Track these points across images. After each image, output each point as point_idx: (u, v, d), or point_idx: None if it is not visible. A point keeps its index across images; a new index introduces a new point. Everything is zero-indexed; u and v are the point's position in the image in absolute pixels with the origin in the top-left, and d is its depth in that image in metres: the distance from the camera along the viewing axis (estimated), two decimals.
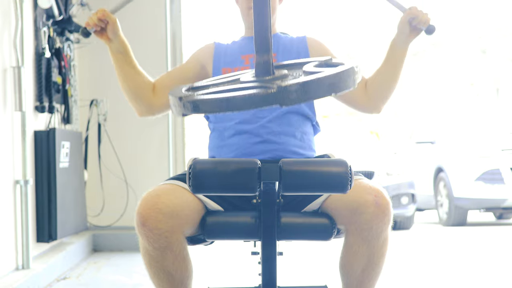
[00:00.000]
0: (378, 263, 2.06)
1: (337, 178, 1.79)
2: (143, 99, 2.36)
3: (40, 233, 4.08)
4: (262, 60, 1.57)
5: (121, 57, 2.33)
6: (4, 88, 3.56)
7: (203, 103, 1.49)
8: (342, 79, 1.51)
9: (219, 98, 1.47)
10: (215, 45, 2.44)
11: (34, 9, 4.09)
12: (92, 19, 2.24)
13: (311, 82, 1.46)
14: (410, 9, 2.23)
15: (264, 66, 1.56)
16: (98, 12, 2.23)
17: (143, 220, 1.97)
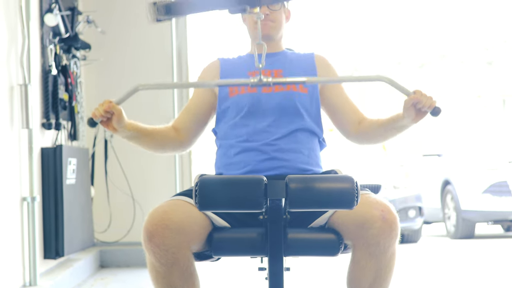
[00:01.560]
0: (385, 277, 2.06)
1: (344, 194, 1.79)
2: (171, 147, 2.43)
3: (47, 250, 4.08)
4: None
5: (133, 137, 2.36)
6: (11, 105, 3.57)
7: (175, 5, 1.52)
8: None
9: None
10: (220, 63, 2.44)
11: (40, 27, 4.12)
12: (98, 110, 2.22)
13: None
14: (414, 93, 2.19)
15: None
16: (104, 103, 2.22)
17: (150, 236, 1.97)
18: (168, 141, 2.40)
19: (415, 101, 2.17)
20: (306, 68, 2.39)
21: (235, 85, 2.26)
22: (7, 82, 3.55)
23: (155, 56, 5.25)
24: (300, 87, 2.35)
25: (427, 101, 2.17)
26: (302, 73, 2.37)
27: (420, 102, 2.17)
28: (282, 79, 2.12)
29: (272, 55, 2.42)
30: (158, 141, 2.39)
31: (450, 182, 8.58)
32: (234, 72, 2.38)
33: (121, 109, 2.24)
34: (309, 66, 2.40)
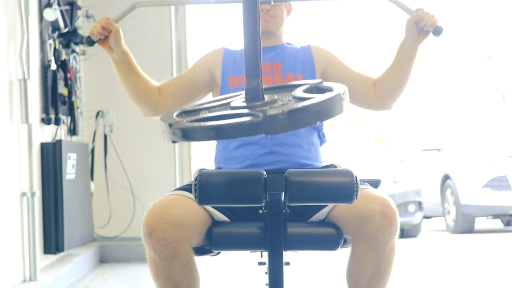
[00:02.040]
0: (385, 272, 2.06)
1: (343, 188, 1.79)
2: (148, 102, 2.39)
3: (47, 245, 4.08)
4: (251, 85, 1.58)
5: (123, 66, 2.34)
6: (10, 100, 3.57)
7: (192, 131, 1.51)
8: (328, 106, 1.52)
9: (208, 126, 1.48)
10: (224, 51, 2.44)
11: (40, 22, 4.11)
12: (96, 27, 2.25)
13: (297, 111, 1.47)
14: (416, 11, 2.22)
15: (254, 91, 1.58)
16: (102, 20, 2.25)
17: (149, 230, 1.97)
18: (148, 94, 2.37)
19: (417, 18, 2.20)
20: (304, 60, 2.40)
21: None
22: (7, 77, 3.54)
23: (155, 50, 5.25)
24: (299, 78, 2.35)
25: (429, 19, 2.20)
26: (301, 66, 2.38)
27: (423, 19, 2.20)
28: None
29: (272, 48, 2.42)
30: (141, 87, 2.36)
31: (450, 176, 8.58)
32: (236, 62, 2.39)
33: (119, 27, 2.25)
34: (307, 57, 2.41)
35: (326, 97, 1.52)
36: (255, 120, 1.45)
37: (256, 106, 1.56)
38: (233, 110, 1.57)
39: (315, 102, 1.50)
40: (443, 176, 8.80)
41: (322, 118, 1.51)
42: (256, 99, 1.57)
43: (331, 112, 1.52)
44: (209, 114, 1.60)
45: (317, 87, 1.72)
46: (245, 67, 1.59)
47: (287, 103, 1.57)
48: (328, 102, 1.52)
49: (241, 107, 1.57)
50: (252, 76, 1.58)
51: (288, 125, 1.47)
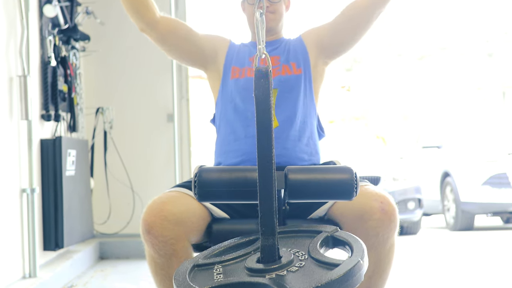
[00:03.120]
0: (385, 269, 2.06)
1: (343, 185, 1.79)
2: (144, 14, 2.39)
3: (47, 241, 4.08)
4: (267, 243, 1.57)
5: None
6: (10, 97, 3.57)
7: None
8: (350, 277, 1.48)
9: None
10: (230, 43, 2.47)
11: (39, 18, 4.11)
12: None
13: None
14: None
15: (270, 250, 1.56)
16: None
17: (148, 227, 1.97)
18: (145, 5, 2.38)
19: None
20: (296, 49, 2.42)
21: None
22: (6, 74, 3.54)
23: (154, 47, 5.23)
24: (294, 69, 2.36)
25: None
26: (293, 54, 2.41)
27: None
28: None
29: (271, 43, 2.44)
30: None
31: (450, 174, 8.58)
32: (238, 57, 2.40)
33: None
34: (298, 46, 2.43)
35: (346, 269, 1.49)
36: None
37: (273, 270, 1.54)
38: (250, 275, 1.55)
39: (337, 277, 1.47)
40: (443, 174, 8.80)
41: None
42: (272, 260, 1.56)
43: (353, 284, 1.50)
44: (225, 279, 1.56)
45: (333, 237, 1.69)
46: (260, 224, 1.57)
47: (303, 265, 1.55)
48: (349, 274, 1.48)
49: (257, 269, 1.55)
50: (267, 234, 1.57)
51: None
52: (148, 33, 2.42)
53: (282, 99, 2.31)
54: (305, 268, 1.54)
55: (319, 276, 1.48)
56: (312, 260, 1.57)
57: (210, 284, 1.53)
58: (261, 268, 1.55)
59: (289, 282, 1.48)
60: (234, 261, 1.65)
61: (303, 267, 1.54)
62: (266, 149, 1.60)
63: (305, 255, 1.60)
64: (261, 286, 1.51)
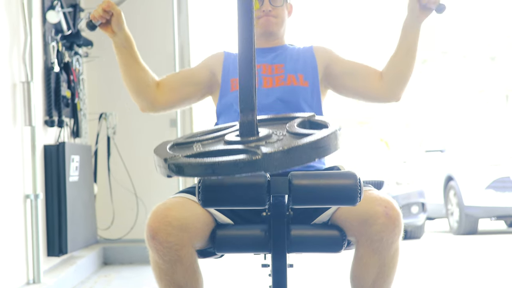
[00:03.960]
0: (389, 274, 2.05)
1: (347, 190, 1.79)
2: (146, 94, 2.38)
3: (50, 247, 4.08)
4: (246, 119, 1.57)
5: (125, 51, 2.34)
6: (13, 103, 3.57)
7: (188, 168, 1.50)
8: (325, 144, 1.52)
9: (205, 163, 1.47)
10: (224, 55, 2.44)
11: (43, 24, 4.12)
12: (97, 11, 2.25)
13: (295, 149, 1.47)
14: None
15: (249, 125, 1.57)
16: (103, 3, 2.24)
17: (153, 233, 1.97)
18: (147, 85, 2.36)
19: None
20: (306, 61, 2.39)
21: None
22: (10, 80, 3.55)
23: (157, 53, 5.24)
24: (300, 81, 2.34)
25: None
26: (302, 66, 2.37)
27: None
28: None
29: (272, 50, 2.42)
30: (141, 76, 2.35)
31: (453, 178, 8.57)
32: (236, 66, 2.38)
33: (120, 10, 2.25)
34: (309, 58, 2.40)
35: (323, 135, 1.52)
36: (254, 158, 1.45)
37: (251, 142, 1.55)
38: (228, 146, 1.56)
39: (312, 140, 1.50)
40: (446, 177, 8.79)
41: (320, 155, 1.52)
42: (251, 134, 1.57)
43: (328, 150, 1.53)
44: (204, 149, 1.58)
45: (310, 121, 1.71)
46: (240, 100, 1.58)
47: (282, 139, 1.56)
48: (325, 140, 1.52)
49: (235, 141, 1.56)
50: (247, 110, 1.58)
51: (285, 163, 1.46)
52: (152, 111, 2.44)
53: (286, 108, 2.29)
54: (284, 140, 1.55)
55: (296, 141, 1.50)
56: (291, 135, 1.58)
57: (189, 152, 1.54)
58: (239, 140, 1.57)
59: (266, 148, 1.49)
60: (213, 140, 1.66)
61: (281, 140, 1.55)
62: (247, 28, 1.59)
63: (283, 132, 1.61)
64: (238, 152, 1.51)
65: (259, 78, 2.35)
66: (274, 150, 1.46)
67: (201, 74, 2.41)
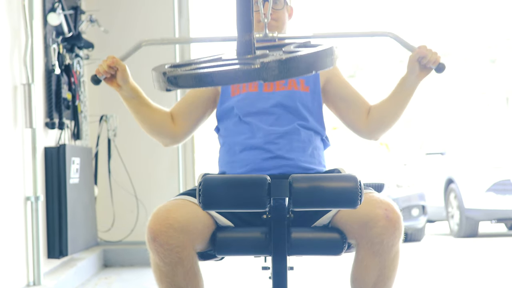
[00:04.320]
0: (389, 276, 2.05)
1: (347, 193, 1.79)
2: (165, 132, 2.39)
3: (51, 249, 4.09)
4: (243, 39, 1.58)
5: (134, 101, 2.35)
6: (14, 105, 3.58)
7: (187, 77, 1.51)
8: (322, 57, 1.54)
9: (204, 73, 1.48)
10: None
11: (44, 26, 4.12)
12: (102, 66, 2.24)
13: (293, 59, 1.47)
14: (419, 48, 2.21)
15: (246, 45, 1.58)
16: (108, 59, 2.24)
17: (154, 235, 1.97)
18: (162, 124, 2.37)
19: (420, 55, 2.20)
20: None
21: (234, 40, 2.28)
22: (11, 82, 3.55)
23: (158, 55, 5.24)
24: (301, 86, 2.35)
25: (432, 56, 2.19)
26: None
27: (425, 57, 2.19)
28: (285, 35, 2.21)
29: None
30: (155, 119, 2.37)
31: (454, 180, 8.57)
32: None
33: (125, 65, 2.25)
34: None
35: (320, 49, 1.54)
36: (252, 67, 1.46)
37: (249, 58, 1.55)
38: (226, 61, 1.57)
39: (309, 52, 1.51)
40: (447, 180, 8.79)
41: (317, 68, 1.53)
42: (248, 52, 1.57)
43: (324, 63, 1.54)
44: (202, 65, 1.58)
45: (306, 45, 1.72)
46: (237, 21, 1.59)
47: (279, 57, 1.57)
48: (321, 53, 1.54)
49: (233, 59, 1.56)
50: (244, 31, 1.58)
51: (283, 72, 1.47)
52: (174, 144, 2.45)
53: (287, 113, 2.29)
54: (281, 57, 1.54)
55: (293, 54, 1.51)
56: (287, 53, 1.58)
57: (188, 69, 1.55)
58: (237, 57, 1.57)
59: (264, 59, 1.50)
60: (210, 62, 1.66)
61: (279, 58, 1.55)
62: None
63: (280, 53, 1.62)
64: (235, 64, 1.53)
65: (260, 82, 2.36)
66: (272, 59, 1.46)
67: (206, 93, 2.41)
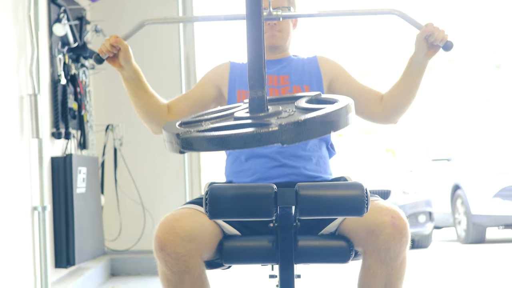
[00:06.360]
0: (396, 283, 2.05)
1: (353, 201, 1.79)
2: (158, 120, 2.39)
3: (58, 259, 4.09)
4: (256, 95, 1.56)
5: (133, 83, 2.35)
6: (21, 115, 3.59)
7: (203, 141, 1.46)
8: (340, 116, 1.50)
9: (220, 136, 1.44)
10: (230, 65, 2.45)
11: (49, 37, 4.14)
12: (105, 45, 2.26)
13: (311, 121, 1.44)
14: (426, 26, 2.22)
15: (258, 102, 1.55)
16: (111, 38, 2.26)
17: (161, 244, 1.97)
18: (157, 111, 2.38)
19: (427, 33, 2.20)
20: (311, 72, 2.41)
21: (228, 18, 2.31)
22: (17, 92, 3.57)
23: (163, 64, 5.26)
24: (306, 90, 2.36)
25: (439, 34, 2.19)
26: (307, 78, 2.39)
27: (433, 35, 2.20)
28: (290, 13, 2.29)
29: (278, 62, 2.44)
30: (150, 104, 2.37)
31: (460, 186, 8.55)
32: (242, 76, 2.39)
33: (128, 45, 2.26)
34: (313, 69, 2.41)
35: (333, 108, 1.51)
36: (272, 129, 1.43)
37: (262, 117, 1.53)
38: (239, 121, 1.54)
39: (328, 112, 1.49)
40: (453, 186, 8.77)
41: (335, 128, 1.50)
42: (261, 110, 1.55)
43: (343, 122, 1.50)
44: (215, 125, 1.57)
45: (317, 99, 1.71)
46: (249, 77, 1.57)
47: (293, 114, 1.55)
48: (341, 112, 1.51)
49: (247, 117, 1.55)
50: (256, 87, 1.56)
51: (303, 134, 1.44)
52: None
53: None
54: (294, 115, 1.52)
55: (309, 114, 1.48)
56: (300, 110, 1.56)
57: (201, 128, 1.52)
58: (250, 115, 1.54)
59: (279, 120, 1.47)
60: (222, 118, 1.64)
61: (292, 115, 1.53)
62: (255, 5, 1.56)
63: (292, 109, 1.59)
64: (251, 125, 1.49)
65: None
66: (289, 121, 1.44)
67: (207, 91, 2.42)
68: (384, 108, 2.36)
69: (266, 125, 1.45)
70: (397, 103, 2.35)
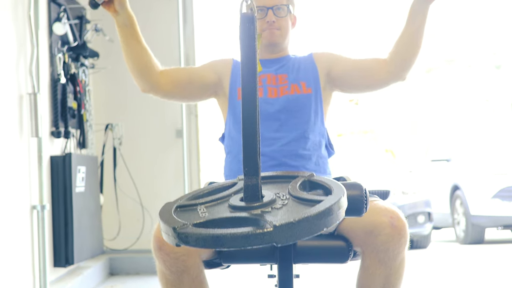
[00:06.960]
0: (395, 284, 2.05)
1: (353, 201, 1.79)
2: (148, 77, 2.38)
3: (57, 258, 4.09)
4: (251, 183, 1.58)
5: (127, 30, 2.35)
6: (20, 114, 3.59)
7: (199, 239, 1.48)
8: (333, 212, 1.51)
9: (216, 235, 1.46)
10: (233, 62, 2.46)
11: (49, 36, 4.14)
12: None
13: (305, 220, 1.45)
14: None
15: (253, 190, 1.57)
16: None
17: (160, 244, 1.97)
18: (149, 67, 2.37)
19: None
20: (307, 68, 2.41)
21: None
22: (17, 91, 3.57)
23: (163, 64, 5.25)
24: (303, 89, 2.36)
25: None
26: (304, 74, 2.39)
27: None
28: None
29: (277, 61, 2.44)
30: (143, 56, 2.37)
31: (459, 187, 8.56)
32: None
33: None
34: (309, 65, 2.42)
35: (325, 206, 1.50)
36: (266, 230, 1.45)
37: (257, 207, 1.54)
38: (234, 212, 1.56)
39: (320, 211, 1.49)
40: (453, 187, 8.77)
41: (328, 225, 1.50)
42: (255, 199, 1.57)
43: (336, 218, 1.52)
44: (210, 215, 1.57)
45: (310, 181, 1.71)
46: (244, 164, 1.59)
47: (286, 203, 1.56)
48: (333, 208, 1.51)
49: (241, 207, 1.56)
50: (251, 173, 1.58)
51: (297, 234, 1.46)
52: (152, 93, 2.43)
53: (291, 117, 2.31)
54: (288, 205, 1.54)
55: (303, 210, 1.49)
56: (294, 199, 1.58)
57: (198, 220, 1.53)
58: (245, 205, 1.56)
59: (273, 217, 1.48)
60: (216, 202, 1.64)
61: (286, 205, 1.54)
62: (250, 92, 1.60)
63: (286, 196, 1.61)
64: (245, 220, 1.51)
65: (264, 88, 2.37)
66: (284, 222, 1.46)
67: (209, 77, 2.42)
68: (391, 68, 2.34)
69: (261, 225, 1.47)
70: (404, 57, 2.33)
